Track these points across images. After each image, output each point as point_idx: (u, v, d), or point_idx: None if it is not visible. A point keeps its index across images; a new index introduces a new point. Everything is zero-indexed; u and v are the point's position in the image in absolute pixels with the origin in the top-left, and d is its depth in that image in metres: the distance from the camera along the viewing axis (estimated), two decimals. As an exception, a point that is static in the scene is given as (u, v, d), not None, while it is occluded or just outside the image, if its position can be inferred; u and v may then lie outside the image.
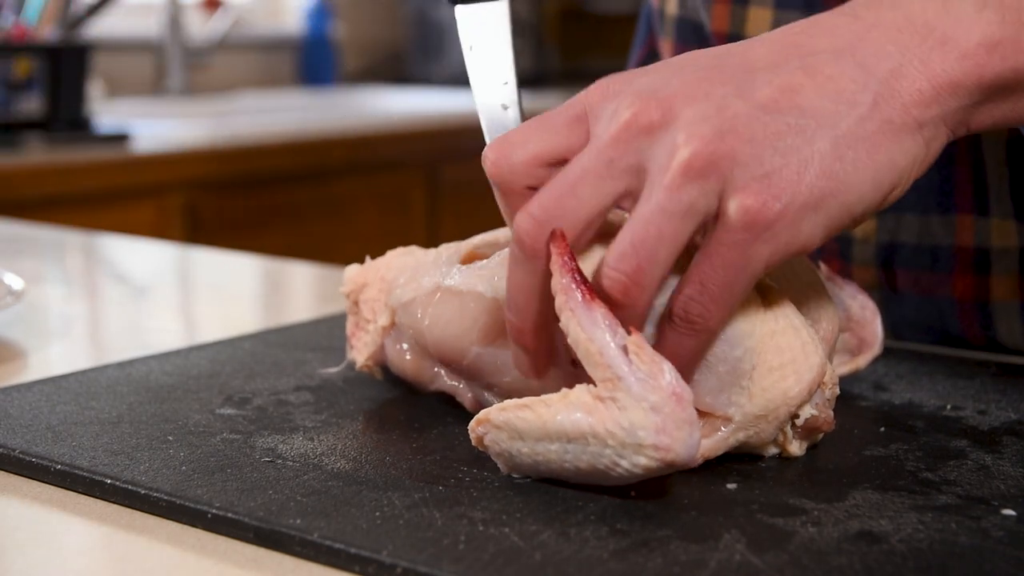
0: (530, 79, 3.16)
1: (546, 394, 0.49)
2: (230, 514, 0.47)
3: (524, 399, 0.49)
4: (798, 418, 0.53)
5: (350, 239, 2.31)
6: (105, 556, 0.48)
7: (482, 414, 0.50)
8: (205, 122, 2.42)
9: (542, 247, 0.48)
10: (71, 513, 0.51)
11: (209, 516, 0.48)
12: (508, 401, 0.50)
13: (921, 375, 0.66)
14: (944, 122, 0.49)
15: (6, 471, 0.55)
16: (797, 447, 0.54)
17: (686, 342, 0.49)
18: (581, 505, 0.48)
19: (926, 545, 0.44)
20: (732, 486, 0.50)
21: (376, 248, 0.68)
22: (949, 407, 0.61)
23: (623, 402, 0.46)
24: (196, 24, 2.89)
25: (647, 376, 0.46)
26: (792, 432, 0.53)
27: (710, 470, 0.52)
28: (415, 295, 0.60)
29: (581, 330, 0.47)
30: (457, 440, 0.56)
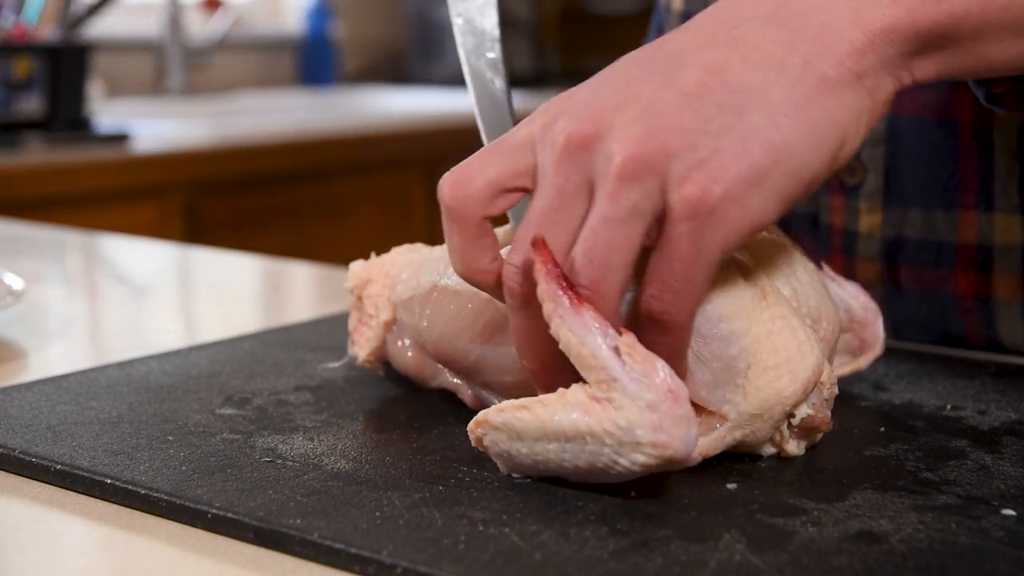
0: (530, 79, 3.16)
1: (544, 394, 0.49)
2: (230, 514, 0.47)
3: (522, 400, 0.49)
4: (794, 417, 0.53)
5: (350, 239, 2.31)
6: (105, 556, 0.48)
7: (480, 415, 0.50)
8: (205, 122, 2.42)
9: (532, 292, 0.48)
10: (71, 513, 0.51)
11: (209, 516, 0.48)
12: (506, 402, 0.50)
13: (921, 375, 0.66)
14: (885, 70, 0.49)
15: (6, 471, 0.55)
16: (795, 447, 0.54)
17: (660, 340, 0.49)
18: (581, 505, 0.48)
19: (926, 545, 0.44)
20: (732, 486, 0.50)
21: (376, 248, 0.68)
22: (949, 407, 0.61)
23: (619, 402, 0.46)
24: (196, 24, 2.89)
25: (641, 375, 0.46)
26: (788, 432, 0.53)
27: (710, 470, 0.52)
28: (414, 293, 0.60)
29: (572, 335, 0.47)
30: (457, 440, 0.56)
